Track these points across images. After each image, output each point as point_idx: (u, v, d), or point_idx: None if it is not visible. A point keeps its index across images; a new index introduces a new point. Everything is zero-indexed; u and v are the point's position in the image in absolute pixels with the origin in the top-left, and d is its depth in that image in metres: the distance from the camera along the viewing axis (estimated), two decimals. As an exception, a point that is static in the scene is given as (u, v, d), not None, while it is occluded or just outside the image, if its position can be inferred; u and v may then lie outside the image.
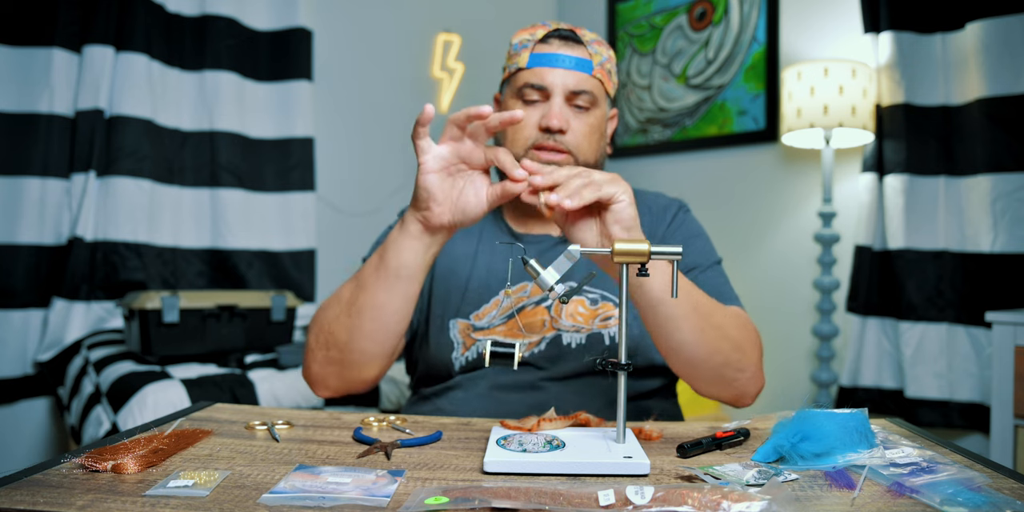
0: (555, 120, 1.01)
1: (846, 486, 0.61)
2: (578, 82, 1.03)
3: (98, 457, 0.64)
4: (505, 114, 0.79)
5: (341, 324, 0.91)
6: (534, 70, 1.03)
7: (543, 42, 1.04)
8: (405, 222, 0.86)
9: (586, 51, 1.04)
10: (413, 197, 0.85)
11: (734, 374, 0.91)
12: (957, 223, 2.19)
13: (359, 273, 0.92)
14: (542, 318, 1.03)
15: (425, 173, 0.82)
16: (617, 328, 0.84)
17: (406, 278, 0.88)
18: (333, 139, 2.71)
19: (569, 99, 1.03)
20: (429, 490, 0.58)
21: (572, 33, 1.05)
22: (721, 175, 2.86)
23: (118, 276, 2.15)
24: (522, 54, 1.05)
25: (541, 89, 1.03)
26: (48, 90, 2.05)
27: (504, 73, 1.10)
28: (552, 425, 0.78)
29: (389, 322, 0.90)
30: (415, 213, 0.85)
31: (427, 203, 0.83)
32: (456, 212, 0.84)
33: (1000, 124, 2.05)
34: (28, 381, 2.08)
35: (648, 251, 0.71)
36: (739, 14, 2.79)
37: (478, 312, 1.05)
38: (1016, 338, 1.75)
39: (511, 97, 1.07)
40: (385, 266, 0.88)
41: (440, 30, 3.03)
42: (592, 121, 1.05)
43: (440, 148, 0.82)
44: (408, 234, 0.86)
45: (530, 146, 1.03)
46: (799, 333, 2.58)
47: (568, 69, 1.03)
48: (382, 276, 0.88)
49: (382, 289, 0.89)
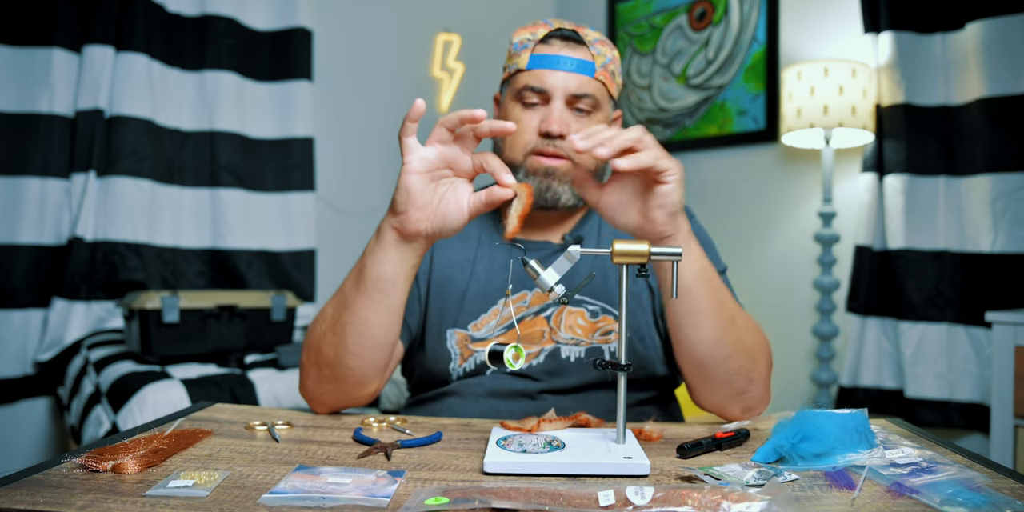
0: (555, 125, 0.98)
1: (846, 486, 0.61)
2: (579, 85, 1.00)
3: (98, 457, 0.64)
4: (497, 124, 0.76)
5: (327, 342, 0.89)
6: (534, 72, 1.00)
7: (544, 42, 1.01)
8: (380, 231, 0.83)
9: (588, 52, 1.01)
10: (392, 200, 0.81)
11: (745, 385, 0.88)
12: (957, 223, 2.19)
13: (341, 288, 0.89)
14: (541, 329, 1.01)
15: (408, 173, 0.78)
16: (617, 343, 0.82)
17: (385, 290, 0.85)
18: (333, 139, 2.71)
19: (570, 102, 1.00)
20: (429, 490, 0.58)
21: (574, 33, 1.02)
22: (721, 175, 2.86)
23: (118, 276, 2.15)
24: (522, 55, 1.02)
25: (541, 92, 1.00)
26: (48, 90, 2.05)
27: (504, 73, 1.07)
28: (552, 426, 0.78)
29: (374, 336, 0.87)
30: (391, 219, 0.82)
31: (405, 206, 0.79)
32: (435, 220, 0.81)
33: (1000, 124, 2.05)
34: (28, 381, 2.08)
35: (648, 251, 0.71)
36: (739, 14, 2.79)
37: (476, 322, 1.02)
38: (1016, 338, 1.75)
39: (511, 99, 1.03)
40: (363, 279, 0.85)
41: (440, 30, 3.03)
42: (594, 125, 1.01)
43: (427, 150, 0.79)
44: (384, 243, 0.83)
45: (529, 151, 1.00)
46: (799, 333, 2.58)
47: (569, 71, 0.99)
48: (362, 290, 0.85)
49: (362, 304, 0.86)
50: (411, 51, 2.98)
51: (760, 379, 0.89)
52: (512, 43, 1.05)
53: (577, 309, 1.02)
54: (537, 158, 1.00)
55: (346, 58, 2.76)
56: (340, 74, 2.73)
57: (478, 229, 1.09)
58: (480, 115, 0.75)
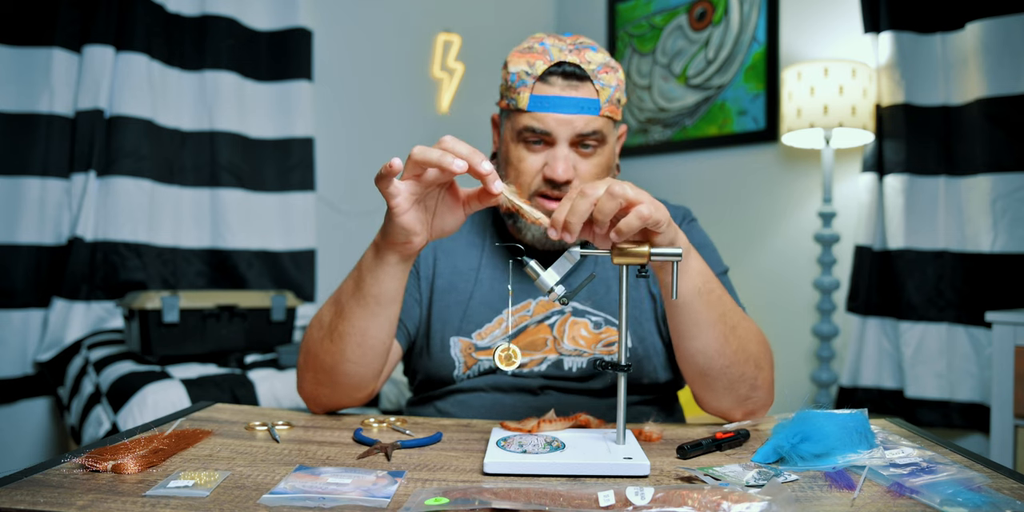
0: (559, 171, 0.94)
1: (846, 487, 0.61)
2: (586, 124, 0.95)
3: (98, 457, 0.64)
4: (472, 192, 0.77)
5: (324, 349, 0.88)
6: (536, 115, 0.95)
7: (543, 81, 0.95)
8: (381, 253, 0.82)
9: (592, 88, 0.95)
10: (388, 234, 0.79)
11: (748, 392, 0.87)
12: (957, 223, 2.19)
13: (337, 296, 0.88)
14: (544, 337, 1.01)
15: (400, 215, 0.76)
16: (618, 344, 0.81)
17: (386, 303, 0.85)
18: (333, 139, 2.71)
19: (574, 142, 0.96)
20: (429, 491, 0.58)
21: (576, 68, 0.95)
22: (721, 175, 2.86)
23: (118, 276, 2.15)
24: (521, 93, 0.96)
25: (544, 133, 0.95)
26: (48, 90, 2.05)
27: (501, 100, 1.02)
28: (552, 426, 0.78)
29: (373, 346, 0.88)
30: (392, 247, 0.80)
31: (407, 238, 0.78)
32: (435, 232, 0.80)
33: (1000, 124, 2.05)
34: (28, 381, 2.08)
35: (648, 252, 0.71)
36: (739, 14, 2.79)
37: (480, 331, 1.02)
38: (1016, 338, 1.75)
39: (512, 139, 0.99)
40: (363, 294, 0.84)
41: (440, 30, 3.03)
42: (600, 161, 0.98)
43: (405, 185, 0.75)
44: (385, 263, 0.82)
45: (533, 193, 0.97)
46: (799, 333, 2.58)
47: (574, 114, 0.94)
48: (362, 303, 0.85)
49: (361, 316, 0.85)
50: (411, 51, 2.98)
51: (764, 385, 0.89)
52: (509, 72, 0.98)
53: (581, 320, 1.02)
54: (542, 201, 0.97)
55: (346, 58, 2.76)
56: (340, 74, 2.73)
57: (483, 237, 1.08)
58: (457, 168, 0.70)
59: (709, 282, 0.83)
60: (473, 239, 1.08)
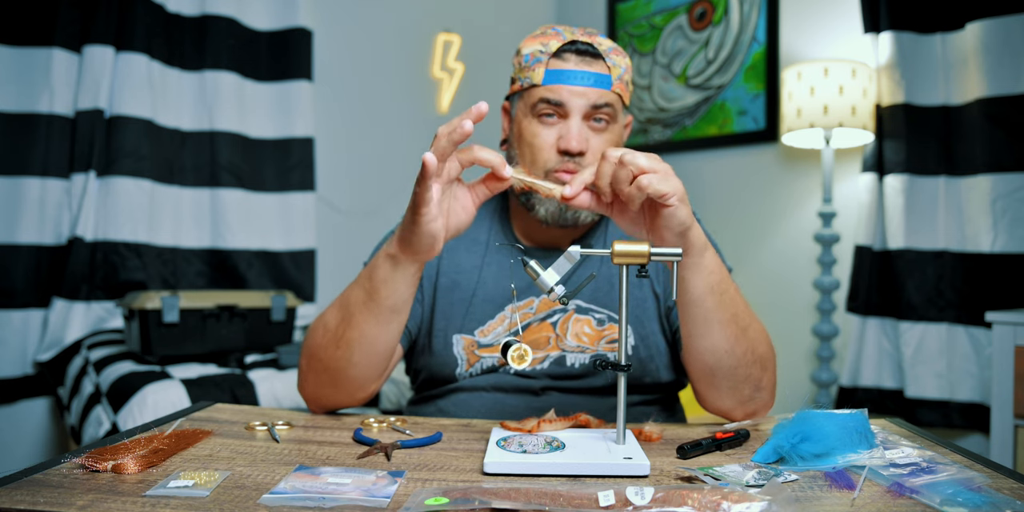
0: (574, 142, 0.96)
1: (846, 487, 0.61)
2: (599, 96, 0.98)
3: (98, 457, 0.64)
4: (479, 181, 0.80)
5: (329, 354, 0.88)
6: (550, 87, 0.97)
7: (558, 57, 0.98)
8: (400, 264, 0.82)
9: (604, 65, 0.98)
10: (411, 244, 0.78)
11: (752, 393, 0.88)
12: (957, 223, 2.19)
13: (345, 303, 0.88)
14: (547, 334, 1.02)
15: (430, 222, 0.75)
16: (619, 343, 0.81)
17: (399, 310, 0.85)
18: (333, 139, 2.71)
19: (587, 115, 0.98)
20: (429, 491, 0.58)
21: (590, 46, 0.98)
22: (721, 175, 2.86)
23: (118, 276, 2.15)
24: (536, 69, 0.98)
25: (558, 105, 0.97)
26: (48, 90, 2.05)
27: (513, 84, 1.04)
28: (552, 426, 0.78)
29: (380, 351, 0.88)
30: (415, 256, 0.80)
31: (432, 245, 0.78)
32: (451, 232, 0.81)
33: (1000, 124, 2.05)
34: (28, 381, 2.08)
35: (648, 252, 0.71)
36: (739, 14, 2.79)
37: (483, 328, 1.02)
38: (1016, 338, 1.75)
39: (525, 114, 1.01)
40: (377, 304, 0.84)
41: (440, 30, 3.03)
42: (611, 138, 1.00)
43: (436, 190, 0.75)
44: (405, 273, 0.82)
45: (549, 170, 0.98)
46: (799, 333, 2.58)
47: (587, 87, 0.97)
48: (375, 312, 0.85)
49: (373, 325, 0.85)
50: (411, 51, 2.98)
51: (767, 387, 0.90)
52: (522, 54, 1.01)
53: (584, 317, 1.02)
54: (558, 176, 0.97)
55: (346, 58, 2.76)
56: (340, 74, 2.73)
57: (487, 234, 1.09)
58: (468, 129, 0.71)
59: (723, 282, 0.83)
60: (476, 236, 1.08)
